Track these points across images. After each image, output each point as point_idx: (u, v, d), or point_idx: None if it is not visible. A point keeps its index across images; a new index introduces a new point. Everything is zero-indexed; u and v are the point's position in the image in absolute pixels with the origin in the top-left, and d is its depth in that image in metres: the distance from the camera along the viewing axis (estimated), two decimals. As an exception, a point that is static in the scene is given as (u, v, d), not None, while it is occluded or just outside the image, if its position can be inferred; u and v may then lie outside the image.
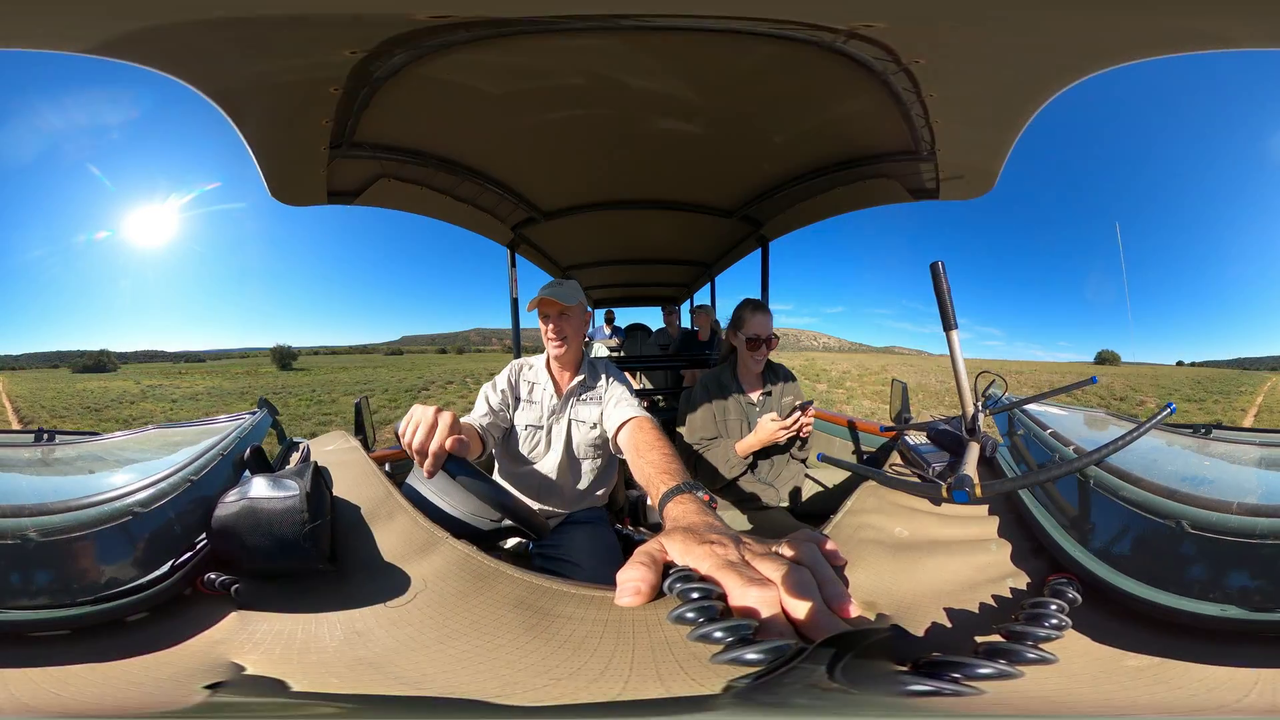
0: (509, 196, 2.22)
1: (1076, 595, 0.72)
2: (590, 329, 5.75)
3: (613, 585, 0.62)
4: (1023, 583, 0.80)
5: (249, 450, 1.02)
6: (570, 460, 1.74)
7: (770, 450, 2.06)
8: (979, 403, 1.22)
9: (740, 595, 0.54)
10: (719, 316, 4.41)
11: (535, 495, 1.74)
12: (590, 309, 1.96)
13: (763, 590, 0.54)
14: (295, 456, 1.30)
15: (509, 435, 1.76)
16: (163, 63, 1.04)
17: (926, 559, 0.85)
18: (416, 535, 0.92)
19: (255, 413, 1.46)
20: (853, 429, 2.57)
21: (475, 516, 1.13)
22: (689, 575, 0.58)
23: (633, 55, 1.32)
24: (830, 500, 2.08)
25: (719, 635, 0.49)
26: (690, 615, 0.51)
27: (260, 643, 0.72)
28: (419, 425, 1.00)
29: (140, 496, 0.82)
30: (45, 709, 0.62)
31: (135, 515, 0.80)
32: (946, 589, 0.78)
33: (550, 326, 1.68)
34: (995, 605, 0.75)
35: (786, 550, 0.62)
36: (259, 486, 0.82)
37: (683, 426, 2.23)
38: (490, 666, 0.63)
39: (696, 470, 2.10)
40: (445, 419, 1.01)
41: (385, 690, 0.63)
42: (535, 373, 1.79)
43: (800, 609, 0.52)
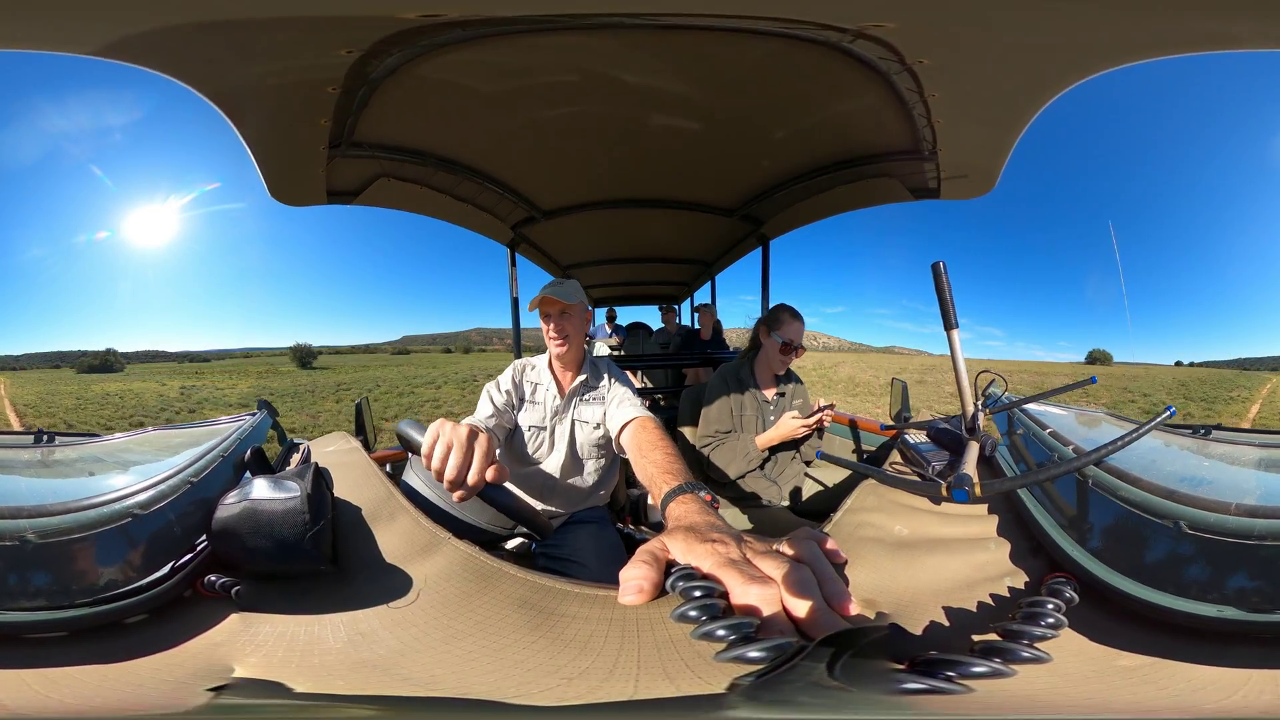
0: (509, 195, 2.22)
1: (1073, 595, 0.72)
2: (592, 328, 5.76)
3: (615, 584, 0.62)
4: (1021, 582, 0.81)
5: (249, 451, 1.02)
6: (574, 460, 1.74)
7: (779, 448, 2.10)
8: (979, 402, 1.22)
9: (741, 593, 0.55)
10: (720, 315, 4.42)
11: (538, 495, 1.74)
12: (590, 308, 1.96)
13: (764, 588, 0.54)
14: (296, 457, 1.30)
15: (512, 435, 1.76)
16: (163, 64, 1.04)
17: (926, 557, 0.85)
18: (418, 535, 0.91)
19: (255, 414, 1.46)
20: (854, 428, 2.57)
21: (480, 518, 1.14)
22: (691, 574, 0.58)
23: (634, 53, 1.32)
24: (831, 499, 2.08)
25: (721, 633, 0.49)
26: (692, 613, 0.52)
27: (262, 645, 0.72)
28: (451, 449, 0.87)
29: (140, 498, 0.82)
30: (44, 710, 0.62)
31: (135, 517, 0.80)
32: (945, 587, 0.78)
33: (552, 326, 1.68)
34: (993, 604, 0.75)
35: (787, 548, 0.62)
36: (260, 488, 0.81)
37: (685, 424, 2.24)
38: (499, 667, 0.63)
39: (703, 467, 2.12)
40: (481, 445, 0.89)
41: (394, 691, 0.63)
42: (538, 373, 1.79)
43: (800, 607, 0.53)
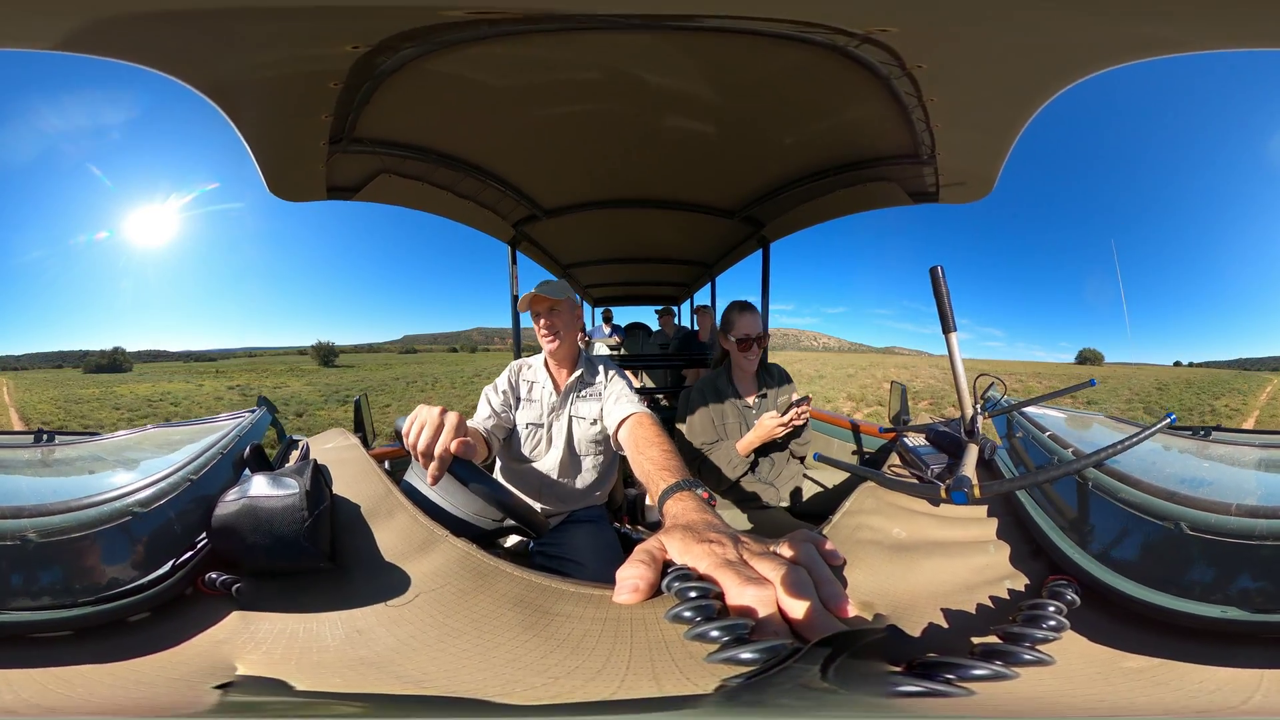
0: (510, 193, 2.22)
1: (1075, 597, 0.72)
2: (590, 328, 5.76)
3: (612, 584, 0.62)
4: (1021, 584, 0.80)
5: (249, 448, 1.01)
6: (571, 457, 1.74)
7: (770, 448, 2.08)
8: (978, 405, 1.23)
9: (737, 594, 0.54)
10: (719, 317, 4.43)
11: (536, 494, 1.74)
12: (580, 302, 1.97)
13: (760, 590, 0.54)
14: (295, 454, 1.30)
15: (510, 434, 1.76)
16: (154, 59, 1.03)
17: (924, 560, 0.85)
18: (416, 533, 0.92)
19: (255, 410, 1.46)
20: (855, 430, 2.57)
21: (478, 516, 1.13)
22: (687, 574, 0.58)
23: (640, 54, 1.32)
24: (829, 500, 2.08)
25: (715, 634, 0.49)
26: (687, 614, 0.52)
27: (262, 642, 0.72)
28: (424, 426, 0.98)
29: (140, 496, 0.82)
30: (51, 710, 0.62)
31: (135, 515, 0.80)
32: (944, 590, 0.78)
33: (542, 323, 1.69)
34: (993, 607, 0.75)
35: (785, 550, 0.62)
36: (259, 485, 0.82)
37: (682, 424, 2.24)
38: (490, 665, 0.63)
39: (700, 474, 2.11)
40: (451, 420, 0.99)
41: (387, 689, 0.63)
42: (534, 371, 1.80)
43: (797, 609, 0.52)
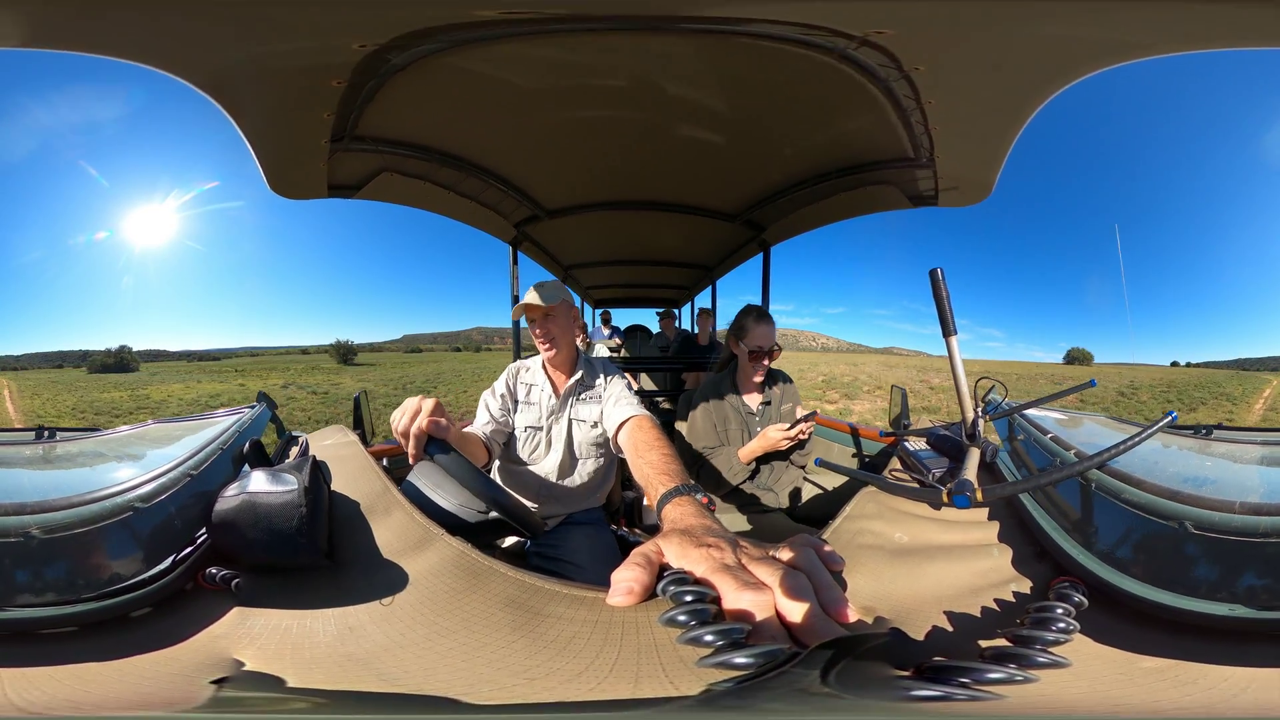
0: (513, 193, 2.22)
1: (1083, 599, 0.71)
2: (590, 329, 5.76)
3: (607, 586, 0.62)
4: (1025, 587, 0.80)
5: (248, 444, 1.01)
6: (571, 460, 1.74)
7: (771, 455, 2.06)
8: (979, 408, 1.22)
9: (734, 599, 0.54)
10: (719, 320, 4.43)
11: (535, 496, 1.73)
12: (581, 303, 1.97)
13: (757, 594, 0.53)
14: (294, 450, 1.29)
15: (509, 437, 1.76)
16: (149, 55, 1.03)
17: (927, 564, 0.85)
18: (412, 531, 0.91)
19: (254, 406, 1.45)
20: (855, 435, 2.56)
21: (462, 508, 1.13)
22: (683, 578, 0.58)
23: (643, 57, 1.33)
24: (829, 504, 2.07)
25: (709, 638, 0.48)
26: (681, 618, 0.51)
27: (258, 638, 0.72)
28: (405, 412, 1.08)
29: (141, 491, 0.82)
30: (59, 706, 0.61)
31: (136, 510, 0.80)
32: (948, 594, 0.77)
33: (537, 330, 1.67)
34: (998, 610, 0.75)
35: (784, 554, 0.61)
36: (258, 481, 0.82)
37: (684, 426, 2.23)
38: (470, 665, 0.63)
39: (699, 477, 2.10)
40: (428, 404, 1.08)
41: (366, 687, 0.63)
42: (532, 374, 1.79)
43: (795, 613, 0.52)
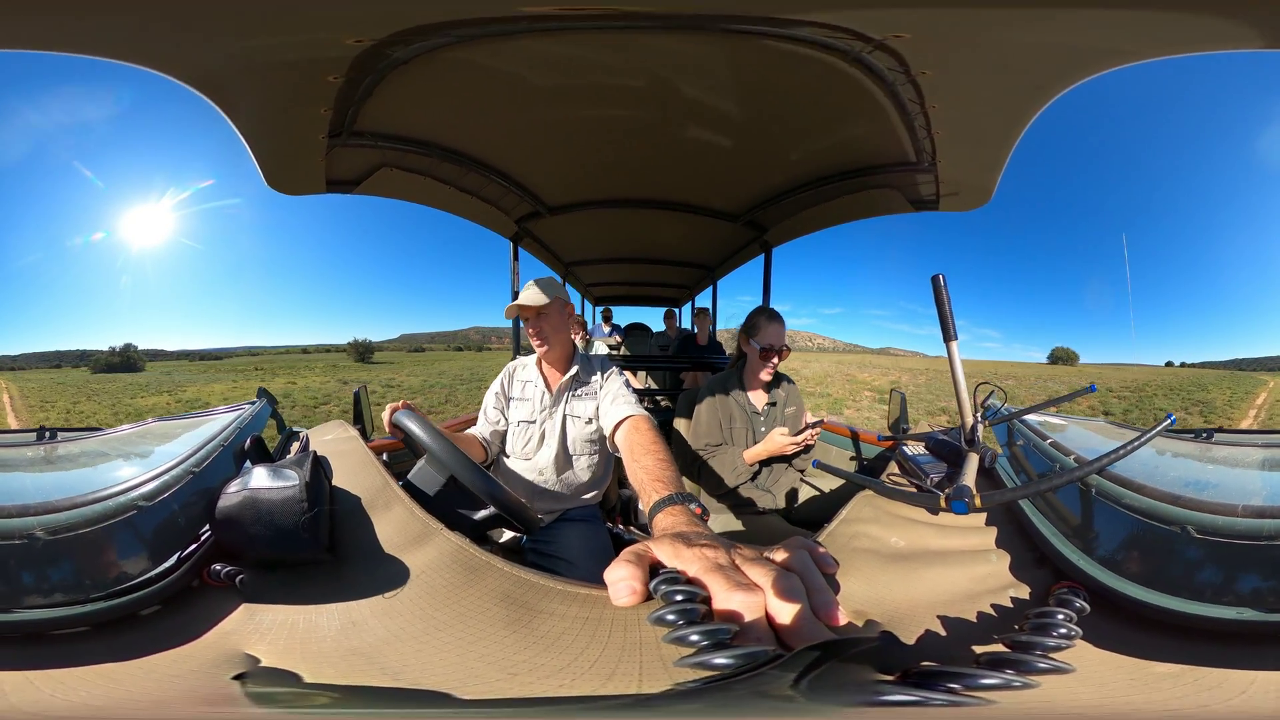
0: (514, 189, 2.21)
1: (1084, 604, 0.71)
2: (590, 327, 5.74)
3: (601, 584, 0.61)
4: (1024, 593, 0.80)
5: (249, 440, 1.01)
6: (565, 456, 1.74)
7: (772, 459, 2.07)
8: (978, 414, 1.23)
9: (725, 599, 0.53)
10: (719, 320, 4.43)
11: (530, 492, 1.73)
12: (571, 299, 1.97)
13: (748, 595, 0.53)
14: (295, 446, 1.29)
15: (505, 434, 1.76)
16: (145, 57, 1.03)
17: (923, 569, 0.85)
18: (412, 526, 0.92)
19: (255, 402, 1.45)
20: (854, 438, 2.56)
21: (427, 480, 1.13)
22: (675, 577, 0.57)
23: (648, 55, 1.32)
24: (825, 506, 2.08)
25: (695, 638, 0.48)
26: (670, 617, 0.51)
27: (267, 633, 0.72)
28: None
29: (144, 490, 0.82)
30: (81, 709, 0.62)
31: (140, 509, 0.80)
32: (943, 599, 0.77)
33: (530, 329, 1.68)
34: (996, 616, 0.75)
35: (777, 556, 0.61)
36: (259, 477, 0.82)
37: (683, 424, 2.23)
38: (461, 659, 0.64)
39: (699, 475, 2.11)
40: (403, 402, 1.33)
41: (368, 681, 0.63)
42: (528, 371, 1.80)
43: (785, 615, 0.51)
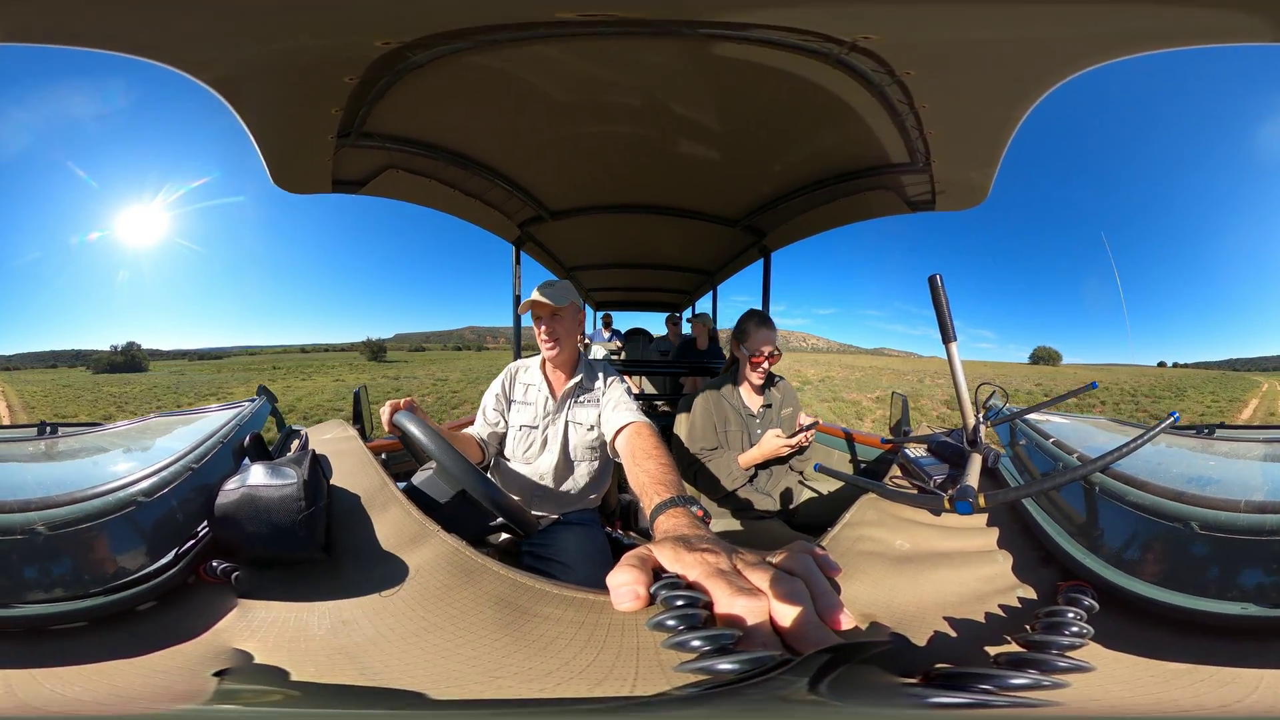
0: (518, 193, 2.23)
1: (1093, 602, 0.70)
2: (590, 331, 5.74)
3: (597, 588, 0.61)
4: (1030, 594, 0.79)
5: (248, 437, 1.01)
6: (566, 462, 1.73)
7: (770, 461, 2.07)
8: (980, 414, 1.22)
9: (727, 603, 0.53)
10: (720, 324, 4.43)
11: (529, 496, 1.72)
12: (584, 307, 1.98)
13: (751, 600, 0.52)
14: (295, 444, 1.29)
15: (505, 437, 1.75)
16: (161, 53, 1.03)
17: (929, 572, 0.84)
18: (408, 527, 0.92)
19: (255, 400, 1.45)
20: (849, 440, 2.56)
21: (435, 489, 1.12)
22: (676, 582, 0.57)
23: (649, 64, 1.33)
24: (826, 509, 2.07)
25: (696, 643, 0.47)
26: (670, 622, 0.50)
27: (259, 630, 0.72)
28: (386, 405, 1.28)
29: (143, 485, 0.82)
30: (84, 705, 0.61)
31: (139, 505, 0.80)
32: (950, 601, 0.77)
33: (543, 328, 1.67)
34: (1004, 616, 0.74)
35: (780, 560, 0.60)
36: (258, 474, 0.82)
37: (681, 431, 2.23)
38: (445, 661, 0.63)
39: (696, 479, 2.10)
40: (405, 400, 1.30)
41: (345, 680, 0.63)
42: (531, 374, 1.79)
43: (789, 619, 0.51)
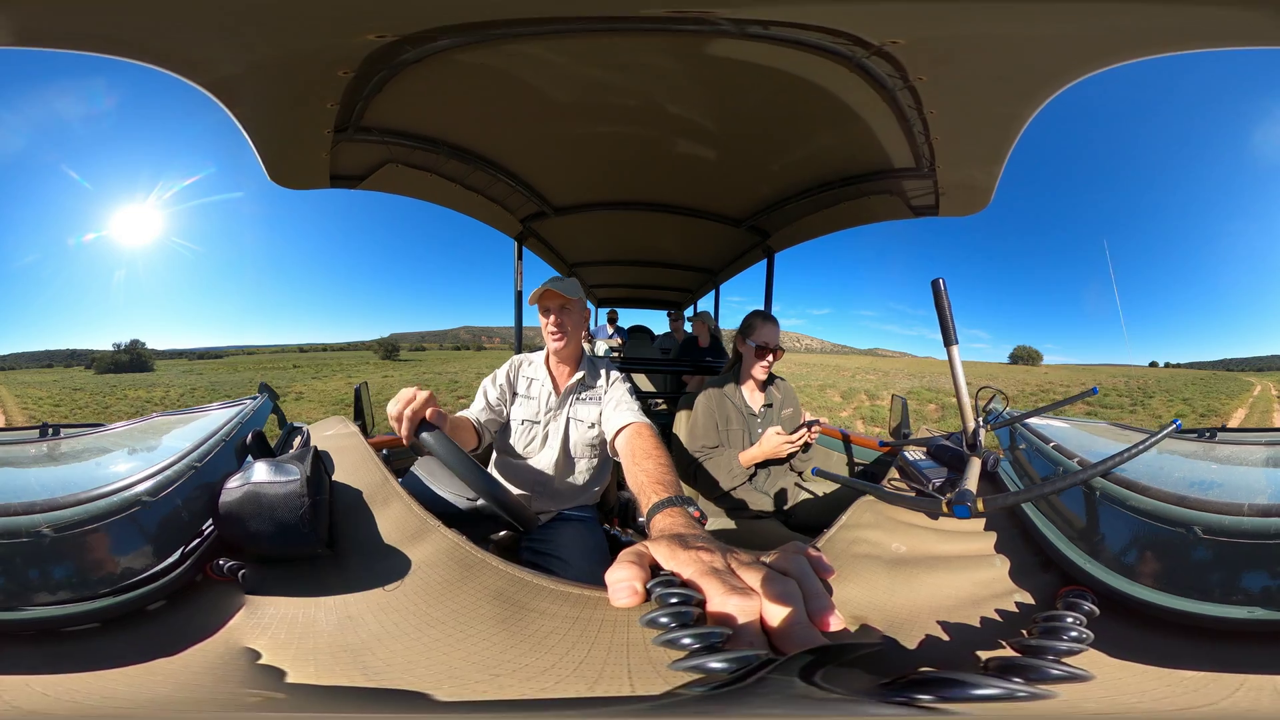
0: (520, 189, 2.22)
1: (1094, 607, 0.70)
2: (593, 327, 5.73)
3: (594, 584, 0.62)
4: (1029, 598, 0.79)
5: (250, 435, 1.01)
6: (566, 458, 1.74)
7: (770, 460, 2.07)
8: (979, 418, 1.22)
9: (720, 602, 0.53)
10: (721, 324, 4.43)
11: (528, 490, 1.73)
12: (591, 306, 1.98)
13: (744, 599, 0.53)
14: (297, 441, 1.29)
15: (504, 428, 1.76)
16: (149, 54, 1.03)
17: (925, 575, 0.84)
18: (409, 522, 0.92)
19: (256, 397, 1.45)
20: (846, 441, 2.56)
21: (456, 495, 1.13)
22: (670, 580, 0.58)
23: (656, 60, 1.33)
24: (823, 510, 2.07)
25: (686, 641, 0.48)
26: (663, 620, 0.51)
27: (268, 627, 0.73)
28: (399, 400, 1.12)
29: (148, 485, 0.82)
30: (81, 709, 0.62)
31: (144, 504, 0.80)
32: (946, 605, 0.77)
33: (551, 319, 1.68)
34: (1000, 621, 0.74)
35: (775, 561, 0.61)
36: (261, 471, 0.82)
37: (680, 430, 2.23)
38: (447, 658, 0.64)
39: (696, 478, 2.10)
40: (424, 394, 1.14)
41: (348, 680, 0.63)
42: (534, 369, 1.79)
43: (779, 619, 0.51)
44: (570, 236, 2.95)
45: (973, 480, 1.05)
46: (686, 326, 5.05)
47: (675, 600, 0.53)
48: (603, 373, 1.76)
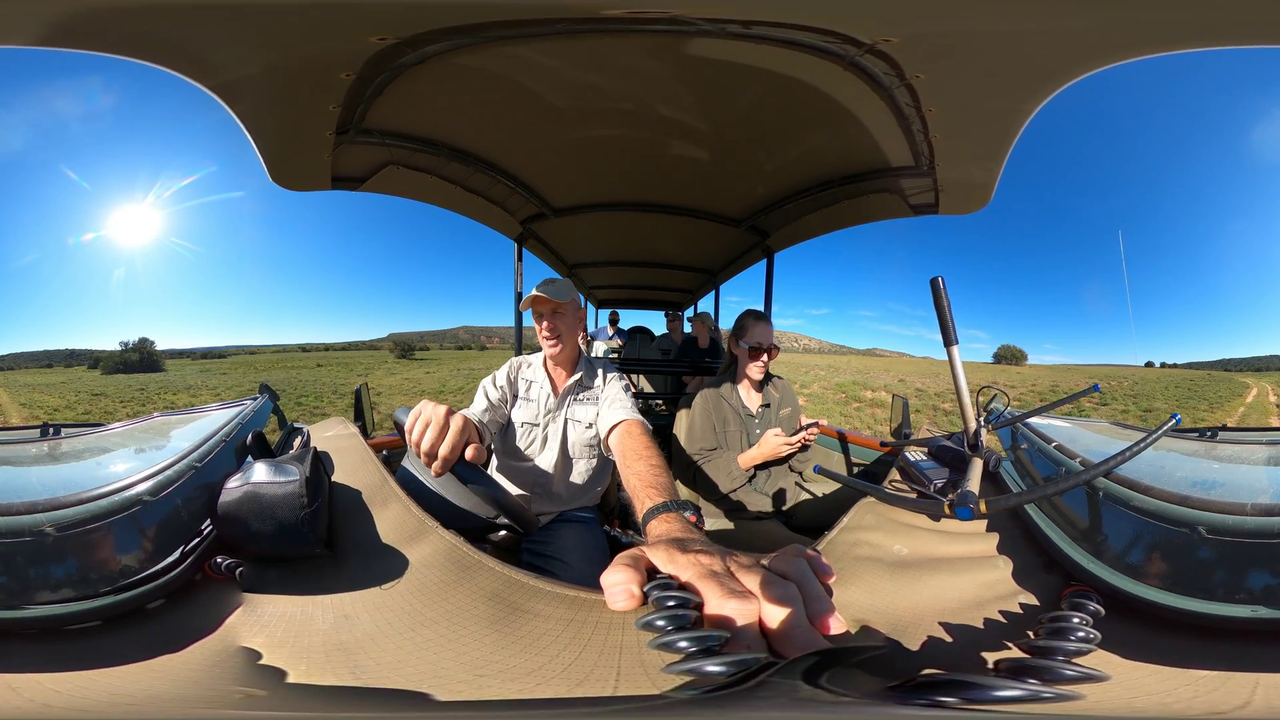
0: (520, 190, 2.22)
1: (1099, 608, 0.70)
2: (593, 328, 5.72)
3: (594, 586, 0.61)
4: (1033, 599, 0.79)
5: (250, 435, 1.02)
6: (565, 459, 1.74)
7: (769, 462, 2.07)
8: (981, 418, 1.22)
9: (718, 605, 0.53)
10: (721, 324, 4.43)
11: (528, 492, 1.73)
12: (585, 305, 1.98)
13: (742, 602, 0.52)
14: (297, 442, 1.29)
15: (506, 430, 1.76)
16: (154, 54, 1.03)
17: (927, 577, 0.84)
18: (408, 523, 0.92)
19: (257, 398, 1.46)
20: (843, 441, 2.55)
21: (473, 508, 1.13)
22: (668, 583, 0.57)
23: (655, 61, 1.33)
24: (823, 511, 2.07)
25: (683, 644, 0.47)
26: (660, 623, 0.50)
27: (266, 626, 0.73)
28: (429, 425, 0.99)
29: (148, 485, 0.83)
30: (83, 707, 0.62)
31: (145, 504, 0.80)
32: (949, 607, 0.76)
33: (544, 325, 1.67)
34: (1004, 622, 0.74)
35: (773, 563, 0.60)
36: (260, 472, 0.82)
37: (680, 430, 2.23)
38: (438, 658, 0.64)
39: (695, 481, 2.10)
40: (457, 423, 1.00)
41: (340, 679, 0.63)
42: (533, 371, 1.79)
43: (778, 621, 0.51)
44: (570, 238, 2.95)
45: (975, 481, 1.05)
46: (686, 327, 5.05)
47: (672, 603, 0.53)
48: (600, 373, 1.76)
